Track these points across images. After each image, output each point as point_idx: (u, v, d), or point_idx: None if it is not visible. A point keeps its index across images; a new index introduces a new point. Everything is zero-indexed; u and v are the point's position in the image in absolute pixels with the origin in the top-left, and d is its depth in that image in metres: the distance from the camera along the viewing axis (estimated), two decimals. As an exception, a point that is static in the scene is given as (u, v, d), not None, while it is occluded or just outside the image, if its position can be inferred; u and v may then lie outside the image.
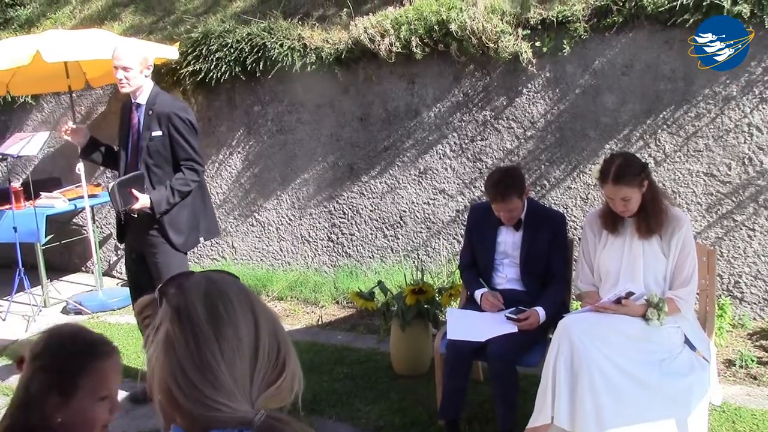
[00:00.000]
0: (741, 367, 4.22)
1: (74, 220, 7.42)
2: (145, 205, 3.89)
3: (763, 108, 4.53)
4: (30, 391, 1.64)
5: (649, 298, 3.11)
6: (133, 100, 3.99)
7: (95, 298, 6.25)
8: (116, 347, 1.79)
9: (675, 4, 4.54)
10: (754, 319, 4.73)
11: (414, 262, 5.75)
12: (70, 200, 6.43)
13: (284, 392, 1.18)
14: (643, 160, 3.46)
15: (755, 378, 4.12)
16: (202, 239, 4.34)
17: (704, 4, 4.45)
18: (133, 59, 3.86)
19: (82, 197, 6.24)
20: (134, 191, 3.86)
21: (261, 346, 1.14)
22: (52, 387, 1.65)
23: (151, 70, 4.02)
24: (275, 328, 1.18)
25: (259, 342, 1.14)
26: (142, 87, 3.95)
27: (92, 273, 6.80)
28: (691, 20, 4.50)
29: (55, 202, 6.35)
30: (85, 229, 7.09)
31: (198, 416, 1.07)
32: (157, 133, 3.93)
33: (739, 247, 4.72)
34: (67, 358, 1.69)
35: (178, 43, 6.32)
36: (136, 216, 3.99)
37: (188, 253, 4.32)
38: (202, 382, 1.07)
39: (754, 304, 4.73)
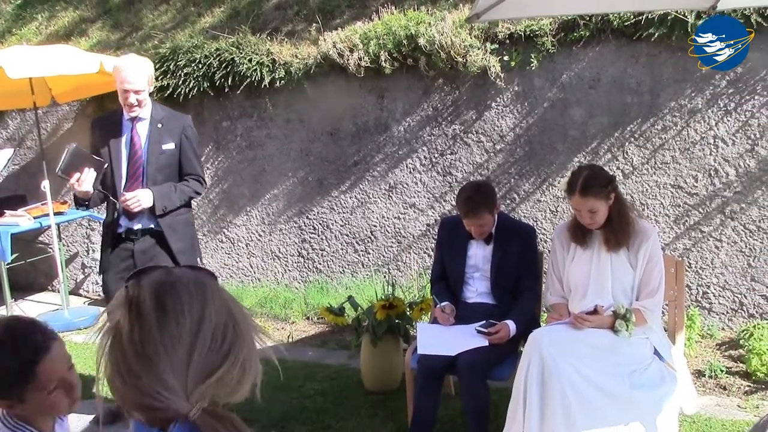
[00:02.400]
0: (710, 377, 4.24)
1: (40, 239, 7.28)
2: (148, 202, 3.67)
3: (728, 120, 4.59)
4: None
5: (616, 310, 3.11)
6: (127, 116, 3.75)
7: (61, 317, 6.12)
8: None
9: (640, 18, 4.60)
10: (723, 329, 4.76)
11: (385, 276, 5.72)
12: (35, 218, 6.31)
13: (228, 384, 1.17)
14: (611, 173, 3.48)
15: (725, 388, 4.14)
16: (199, 260, 4.21)
17: (669, 18, 4.51)
18: (144, 80, 3.68)
19: (47, 215, 6.12)
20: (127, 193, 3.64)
21: (201, 337, 1.14)
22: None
23: (154, 84, 3.87)
24: (227, 319, 1.19)
25: (199, 333, 1.14)
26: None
27: (58, 292, 6.67)
28: (657, 34, 4.57)
29: (20, 220, 6.23)
30: (50, 248, 6.96)
31: (136, 404, 1.13)
32: (169, 146, 3.77)
33: (707, 258, 4.76)
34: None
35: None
36: (138, 237, 3.77)
37: None
38: (141, 371, 1.11)
39: (723, 314, 4.77)
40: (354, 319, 4.58)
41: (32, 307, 6.72)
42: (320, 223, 5.98)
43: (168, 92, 6.11)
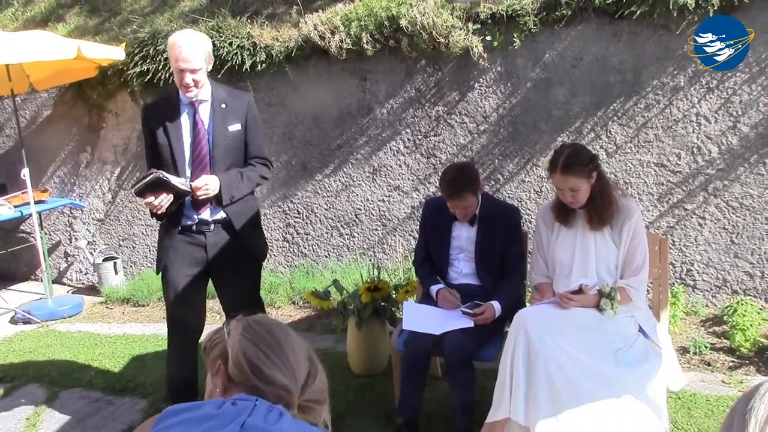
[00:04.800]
0: (695, 353, 4.27)
1: (21, 227, 7.21)
2: (215, 189, 3.33)
3: (710, 98, 4.59)
4: None
5: (601, 288, 3.11)
6: (186, 99, 3.39)
7: (44, 306, 6.08)
8: None
9: (622, -4, 4.59)
10: (707, 305, 4.80)
11: (370, 260, 5.72)
12: (15, 207, 6.24)
13: (321, 408, 1.64)
14: (594, 152, 3.47)
15: (709, 364, 4.17)
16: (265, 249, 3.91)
17: (650, -4, 4.50)
18: (201, 59, 3.29)
19: (28, 204, 6.07)
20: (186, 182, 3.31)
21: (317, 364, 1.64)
22: None
23: (212, 62, 3.49)
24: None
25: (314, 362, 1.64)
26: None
27: (41, 281, 6.62)
28: (638, 12, 4.56)
29: (0, 209, 6.16)
30: (32, 237, 6.90)
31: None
32: (236, 127, 3.44)
33: (690, 235, 4.78)
34: None
35: (125, 43, 6.19)
36: (210, 229, 3.47)
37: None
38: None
39: (706, 291, 4.80)
40: (339, 302, 4.57)
41: (15, 297, 6.67)
42: (304, 207, 5.95)
43: (148, 77, 6.05)
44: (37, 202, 6.19)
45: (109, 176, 6.74)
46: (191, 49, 3.27)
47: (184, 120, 3.41)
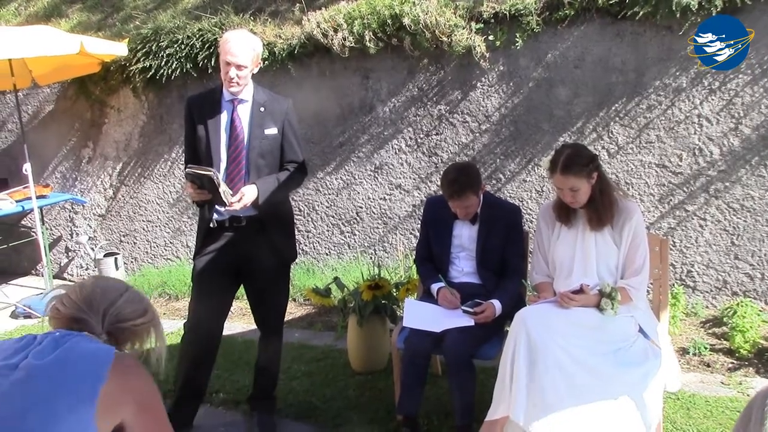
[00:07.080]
0: (694, 354, 4.28)
1: (22, 222, 7.22)
2: (252, 197, 3.37)
3: (712, 99, 4.59)
4: None
5: (602, 288, 3.12)
6: (227, 96, 3.48)
7: (45, 301, 6.07)
8: None
9: (625, -4, 4.59)
10: (707, 307, 4.80)
11: (371, 258, 5.72)
12: (17, 201, 6.25)
13: (140, 335, 1.95)
14: (595, 152, 3.47)
15: (708, 365, 4.18)
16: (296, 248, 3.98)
17: (653, -3, 4.51)
18: (248, 57, 3.39)
19: (29, 198, 6.07)
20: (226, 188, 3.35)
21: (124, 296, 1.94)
22: None
23: (260, 66, 3.60)
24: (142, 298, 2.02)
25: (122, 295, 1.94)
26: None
27: (42, 276, 6.63)
28: (641, 13, 4.56)
29: (2, 203, 6.17)
30: (33, 231, 6.91)
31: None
32: (272, 131, 3.49)
33: (691, 236, 4.78)
34: None
35: (127, 39, 6.19)
36: (243, 224, 3.51)
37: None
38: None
39: (707, 292, 4.80)
40: (340, 300, 4.58)
41: (16, 292, 6.67)
42: (306, 205, 5.96)
43: (150, 73, 6.06)
44: (38, 197, 6.20)
45: (110, 172, 6.74)
46: (240, 46, 3.37)
47: (223, 117, 3.48)
